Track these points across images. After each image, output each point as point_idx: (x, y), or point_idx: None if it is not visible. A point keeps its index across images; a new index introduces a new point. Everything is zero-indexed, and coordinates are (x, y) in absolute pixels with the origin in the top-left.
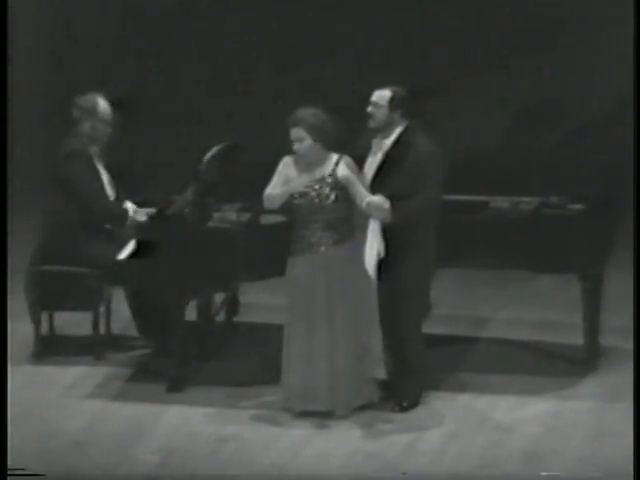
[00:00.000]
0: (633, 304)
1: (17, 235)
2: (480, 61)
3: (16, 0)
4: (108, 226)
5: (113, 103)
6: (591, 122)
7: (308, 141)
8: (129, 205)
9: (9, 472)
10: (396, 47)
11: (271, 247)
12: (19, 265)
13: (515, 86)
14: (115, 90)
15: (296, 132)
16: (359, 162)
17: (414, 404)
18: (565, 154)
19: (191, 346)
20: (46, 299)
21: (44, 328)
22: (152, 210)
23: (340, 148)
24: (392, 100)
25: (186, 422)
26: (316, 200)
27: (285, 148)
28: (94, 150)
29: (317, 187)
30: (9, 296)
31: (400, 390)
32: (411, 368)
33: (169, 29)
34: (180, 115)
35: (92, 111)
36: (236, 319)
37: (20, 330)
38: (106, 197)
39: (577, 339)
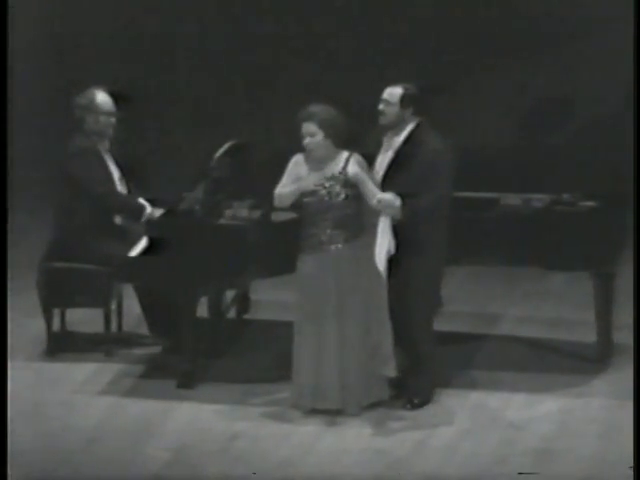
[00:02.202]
0: (633, 303)
1: (18, 233)
2: (492, 60)
3: (16, 0)
4: (119, 222)
5: (117, 96)
6: (604, 119)
7: (319, 136)
8: (147, 208)
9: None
10: (407, 45)
11: (282, 244)
12: (27, 262)
13: (526, 84)
14: (121, 88)
15: (307, 127)
16: (370, 159)
17: (425, 402)
18: (577, 151)
19: (202, 343)
20: (58, 296)
21: (56, 325)
22: (162, 210)
23: (351, 145)
24: (403, 98)
25: (197, 419)
26: (326, 198)
27: (295, 145)
28: (103, 146)
29: (327, 185)
30: (17, 294)
31: (411, 388)
32: (422, 366)
33: (184, 27)
34: (190, 113)
35: (91, 106)
36: (247, 316)
37: (32, 327)
38: (120, 192)
39: (589, 337)
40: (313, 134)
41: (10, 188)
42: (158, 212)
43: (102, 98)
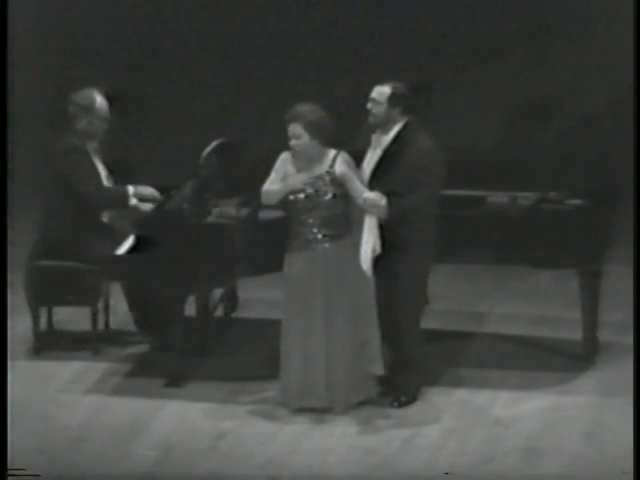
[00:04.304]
0: (633, 301)
1: (17, 230)
2: (479, 58)
3: (16, 0)
4: (106, 220)
5: (110, 99)
6: (590, 118)
7: (305, 138)
8: (130, 188)
9: (9, 472)
10: (396, 44)
11: (270, 242)
12: (18, 260)
13: (514, 82)
14: (114, 87)
15: (293, 128)
16: (358, 158)
17: (412, 399)
18: (564, 150)
19: (189, 341)
20: (45, 294)
21: (43, 323)
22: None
23: (339, 144)
24: (392, 96)
25: (184, 417)
26: (314, 197)
27: (283, 143)
28: (92, 146)
29: (315, 184)
30: (8, 291)
31: (398, 385)
32: (409, 364)
33: (169, 27)
34: (178, 111)
35: (89, 107)
36: (235, 315)
37: (19, 325)
38: (105, 187)
39: (575, 334)
40: (299, 136)
41: (10, 184)
42: (146, 189)
43: (101, 102)
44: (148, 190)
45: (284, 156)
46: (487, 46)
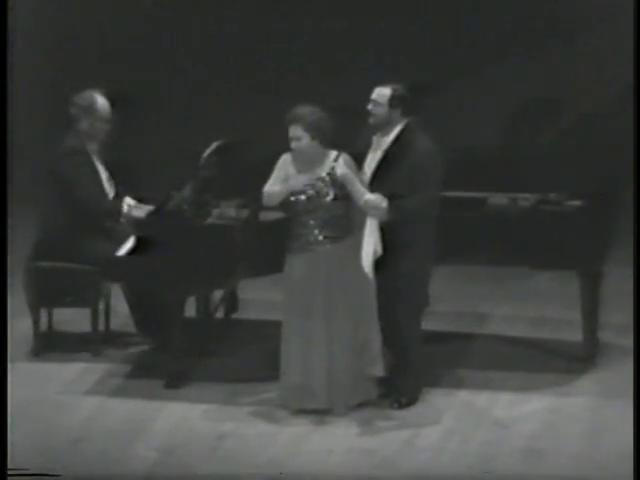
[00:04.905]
0: (633, 302)
1: (17, 231)
2: (479, 59)
3: (16, 0)
4: (107, 223)
5: (112, 100)
6: (590, 119)
7: (306, 139)
8: (127, 200)
9: (9, 472)
10: (397, 45)
11: (270, 244)
12: (19, 261)
13: (514, 83)
14: (114, 88)
15: (294, 130)
16: (359, 159)
17: (413, 401)
18: (564, 151)
19: (190, 343)
20: (45, 295)
21: (43, 324)
22: (150, 207)
23: (340, 145)
24: (392, 98)
25: (184, 418)
26: (314, 198)
27: (284, 144)
28: (92, 147)
29: (316, 185)
30: (9, 292)
31: (399, 387)
32: (410, 365)
33: (169, 28)
34: (179, 112)
35: (90, 109)
36: (235, 316)
37: (19, 327)
38: (103, 195)
39: (576, 336)
40: (299, 138)
41: (10, 185)
42: (138, 211)
43: (102, 104)
44: (141, 212)
45: (285, 157)
46: (487, 47)
